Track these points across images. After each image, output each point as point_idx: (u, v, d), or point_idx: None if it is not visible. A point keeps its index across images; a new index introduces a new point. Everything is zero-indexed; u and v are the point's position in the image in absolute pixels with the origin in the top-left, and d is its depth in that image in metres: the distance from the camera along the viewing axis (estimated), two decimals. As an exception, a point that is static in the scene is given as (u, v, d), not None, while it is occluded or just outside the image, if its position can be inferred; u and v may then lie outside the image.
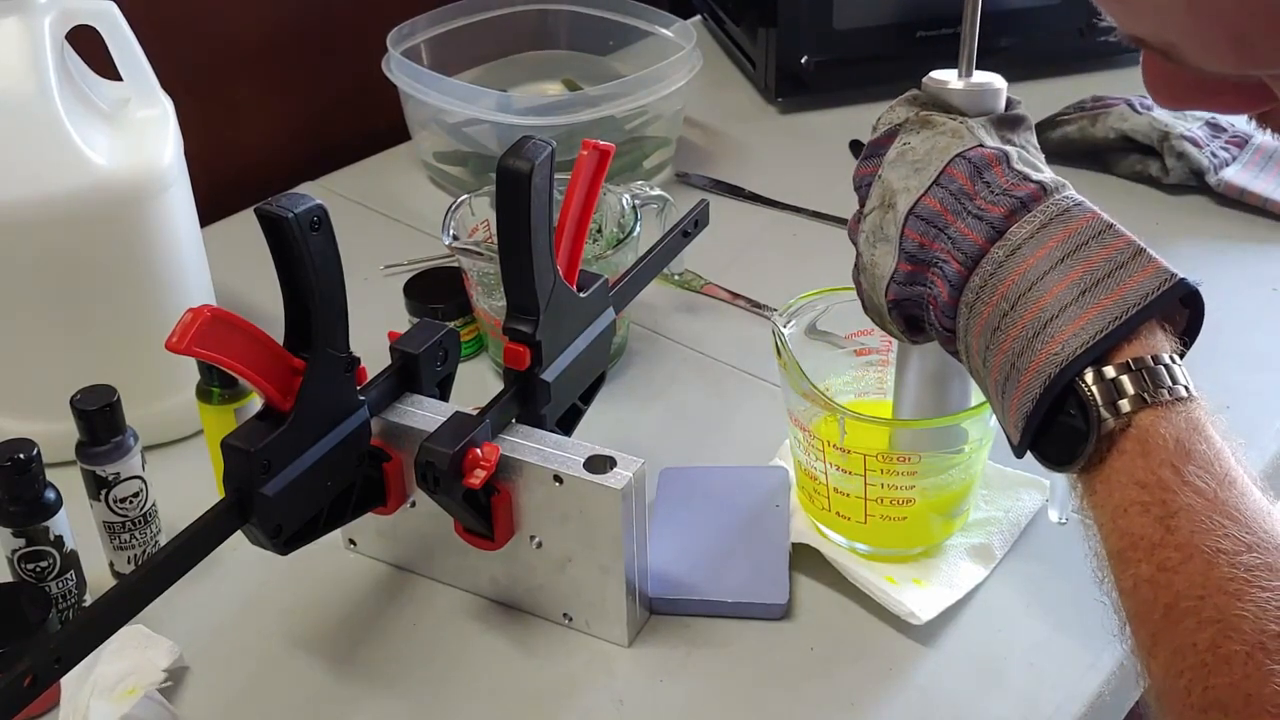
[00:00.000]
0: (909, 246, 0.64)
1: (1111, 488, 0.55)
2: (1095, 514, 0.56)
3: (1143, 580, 0.52)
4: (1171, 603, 0.51)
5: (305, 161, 1.26)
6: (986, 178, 0.62)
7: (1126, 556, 0.54)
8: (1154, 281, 0.57)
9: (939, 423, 0.75)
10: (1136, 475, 0.54)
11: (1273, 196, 1.14)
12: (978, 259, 0.61)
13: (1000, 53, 1.38)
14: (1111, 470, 0.55)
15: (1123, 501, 0.54)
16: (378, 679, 0.74)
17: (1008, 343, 0.59)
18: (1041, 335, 0.57)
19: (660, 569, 0.77)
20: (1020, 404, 0.58)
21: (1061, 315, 0.57)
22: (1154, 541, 0.52)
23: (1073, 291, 0.57)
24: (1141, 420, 0.55)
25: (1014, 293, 0.59)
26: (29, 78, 0.81)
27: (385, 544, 0.81)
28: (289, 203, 0.63)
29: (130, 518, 0.77)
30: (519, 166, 0.69)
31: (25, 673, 0.57)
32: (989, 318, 0.60)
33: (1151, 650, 0.52)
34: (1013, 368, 0.59)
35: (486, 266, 0.90)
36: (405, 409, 0.74)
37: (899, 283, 0.65)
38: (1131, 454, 0.54)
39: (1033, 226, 0.59)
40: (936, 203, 0.63)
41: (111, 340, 0.86)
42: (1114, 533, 0.54)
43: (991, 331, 0.60)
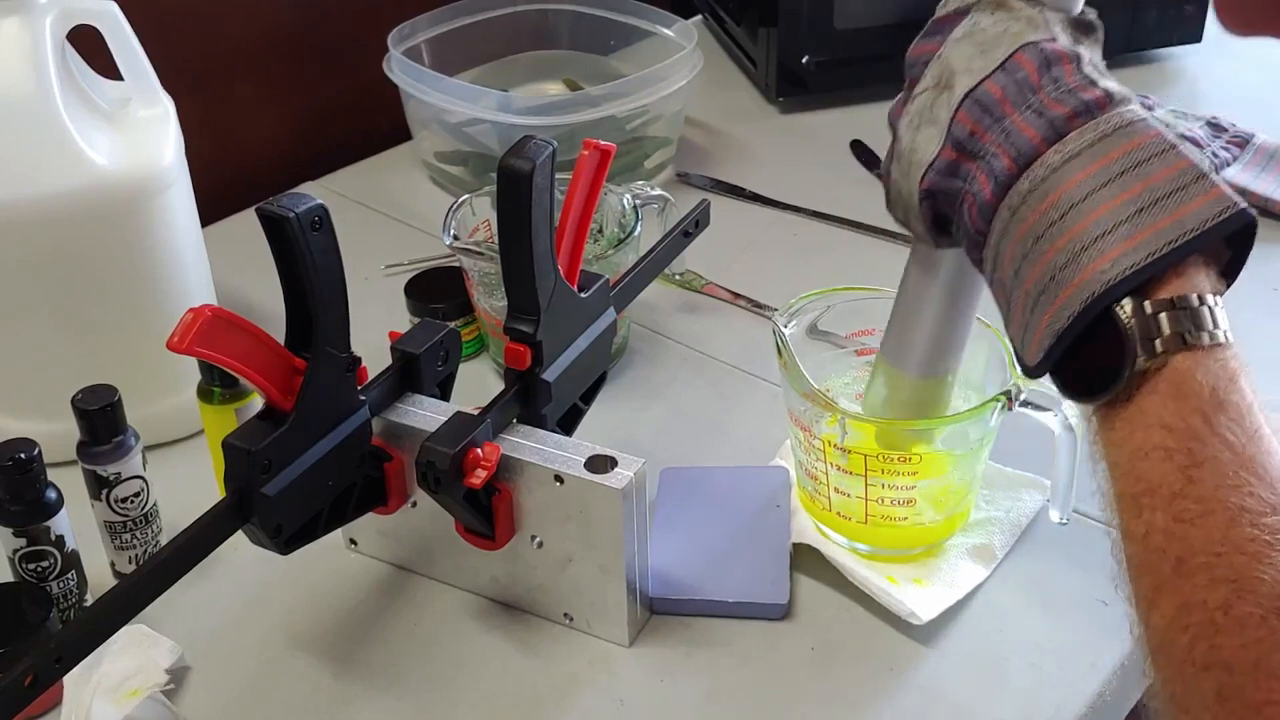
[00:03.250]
0: (959, 132, 0.60)
1: (1134, 427, 0.52)
2: (1110, 451, 0.54)
3: (1155, 529, 0.50)
4: (1184, 556, 0.49)
5: (306, 161, 1.26)
6: (1055, 73, 0.58)
7: (1140, 502, 0.51)
8: (1215, 207, 0.53)
9: (939, 423, 0.75)
10: (1165, 418, 0.51)
11: (1274, 197, 1.14)
12: (1030, 159, 0.57)
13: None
14: (1139, 409, 0.52)
15: (1145, 444, 0.52)
16: (378, 679, 0.74)
17: (1051, 253, 0.55)
18: (1090, 250, 0.54)
19: (661, 569, 0.77)
20: (1053, 320, 0.55)
21: (1114, 232, 0.54)
22: (1173, 490, 0.50)
23: (1128, 209, 0.54)
24: (1177, 362, 0.52)
25: (1066, 202, 0.55)
26: (29, 77, 0.81)
27: (386, 544, 0.81)
28: (290, 202, 0.63)
29: (131, 517, 0.77)
30: (520, 166, 0.69)
31: (26, 672, 0.57)
32: (1034, 224, 0.56)
33: (1153, 600, 0.50)
34: (1052, 280, 0.55)
35: (487, 266, 0.90)
36: (406, 409, 0.74)
37: (938, 171, 0.61)
38: (1163, 395, 0.52)
39: (1094, 135, 0.56)
40: (999, 89, 0.59)
41: (112, 340, 0.86)
42: (1130, 475, 0.52)
43: (1034, 239, 0.56)
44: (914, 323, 0.70)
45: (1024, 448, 0.82)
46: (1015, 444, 0.82)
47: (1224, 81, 1.41)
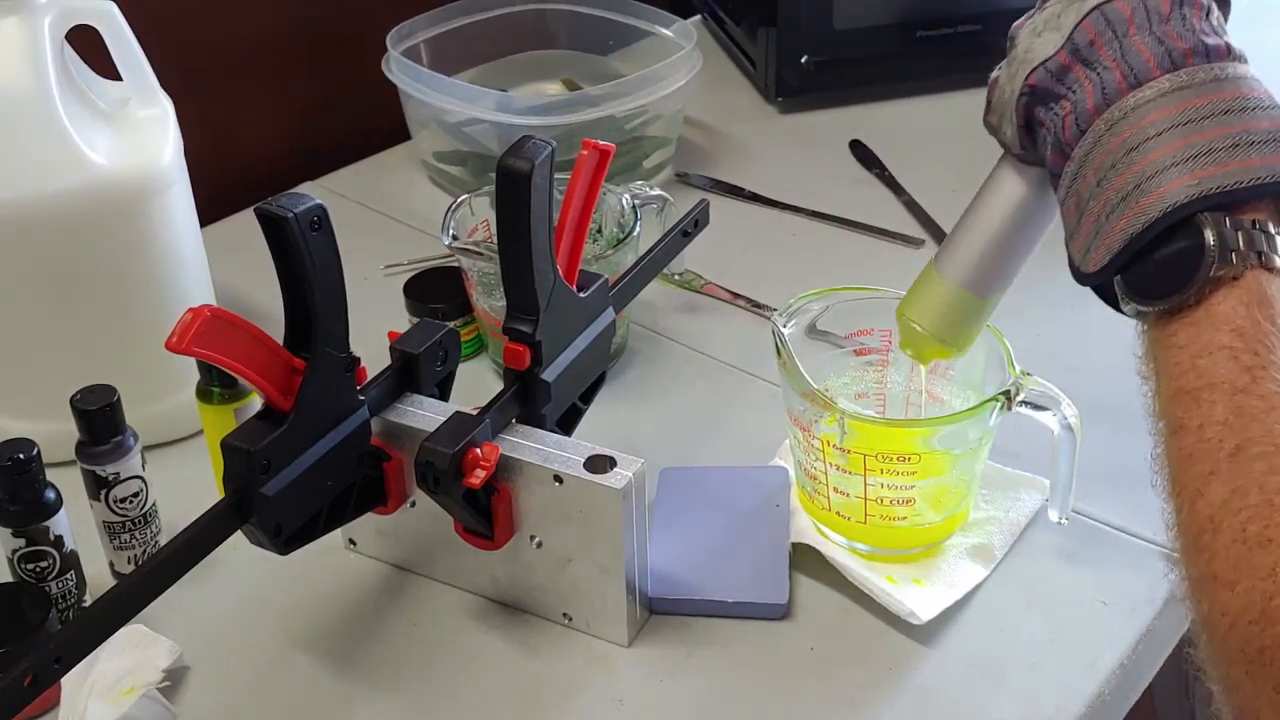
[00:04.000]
0: (1079, 39, 0.62)
1: (1201, 329, 0.54)
2: (1169, 355, 0.55)
3: (1213, 421, 0.52)
4: (1242, 445, 0.50)
5: (305, 161, 1.26)
6: (1185, 11, 0.61)
7: (1200, 397, 0.52)
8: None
9: (938, 422, 0.75)
10: (1236, 322, 0.53)
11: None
12: (1142, 80, 0.59)
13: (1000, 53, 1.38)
14: (1207, 313, 0.54)
15: (1211, 344, 0.53)
16: (378, 679, 0.74)
17: (1142, 164, 0.58)
18: (1180, 166, 0.56)
19: (660, 569, 0.77)
20: (1130, 224, 0.57)
21: (1208, 155, 0.56)
22: (1236, 387, 0.51)
23: (1225, 141, 0.56)
24: (1253, 275, 0.54)
25: (1165, 122, 0.58)
26: (29, 77, 0.81)
27: (385, 544, 0.81)
28: (289, 202, 0.63)
29: (130, 518, 0.77)
30: (519, 166, 0.69)
31: (25, 672, 0.57)
32: (1129, 138, 0.59)
33: (1203, 487, 0.51)
34: (1136, 188, 0.57)
35: (486, 266, 0.90)
36: (405, 409, 0.74)
37: (1048, 70, 0.63)
38: (1235, 301, 0.54)
39: (1206, 75, 0.58)
40: (1128, 9, 0.61)
41: (111, 340, 0.86)
42: (1190, 372, 0.53)
43: (1127, 150, 0.58)
44: (975, 234, 0.71)
45: (1023, 448, 0.82)
46: (1015, 444, 0.82)
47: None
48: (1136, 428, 0.90)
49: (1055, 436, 0.75)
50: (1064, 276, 1.16)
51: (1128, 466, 0.86)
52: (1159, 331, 0.56)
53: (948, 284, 0.72)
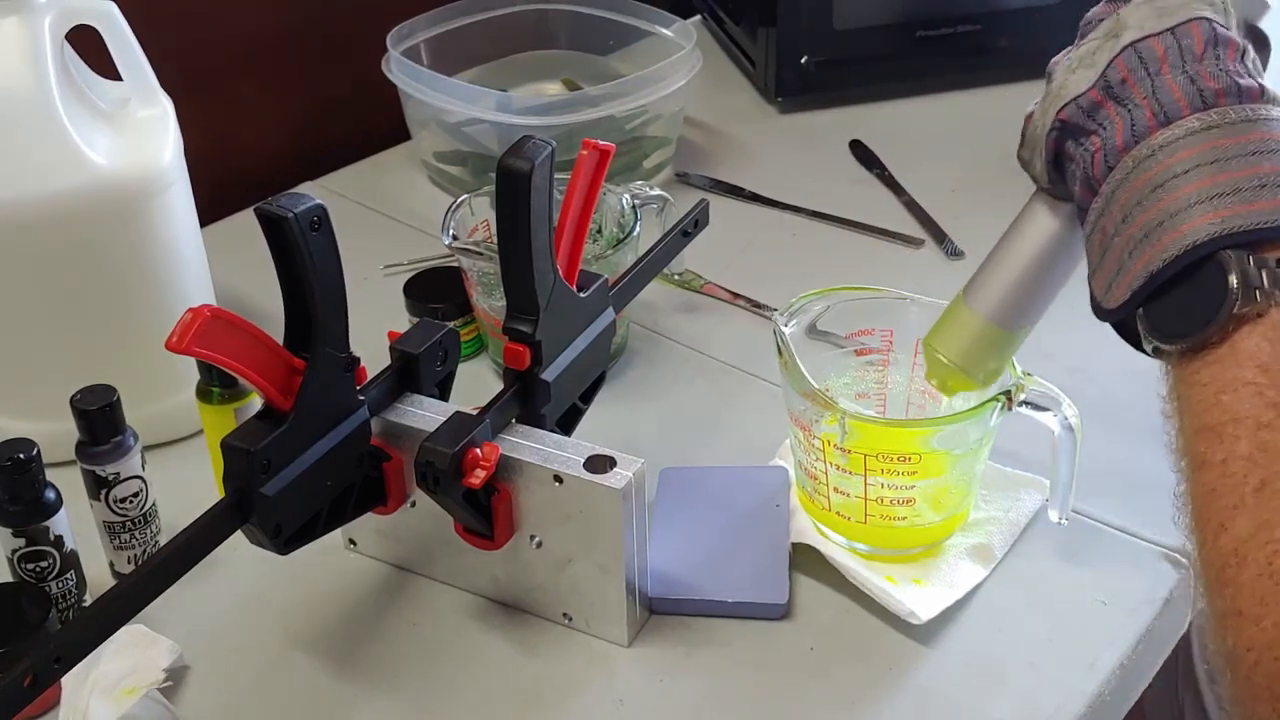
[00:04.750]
0: (1112, 76, 0.62)
1: (1225, 366, 0.54)
2: (1192, 392, 0.55)
3: (1237, 456, 0.51)
4: (1267, 479, 0.50)
5: (305, 161, 1.26)
6: (1219, 52, 0.60)
7: (1224, 432, 0.52)
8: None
9: (938, 422, 0.75)
10: (1261, 359, 0.53)
11: (1273, 196, 1.14)
12: (1170, 120, 0.59)
13: (1000, 52, 1.39)
14: (1232, 350, 0.54)
15: (1235, 380, 0.53)
16: (378, 679, 0.74)
17: (1167, 201, 0.58)
18: (1206, 204, 0.56)
19: (660, 569, 0.77)
20: (1150, 261, 0.57)
21: (1234, 195, 0.56)
22: (1261, 422, 0.51)
23: (1252, 182, 0.56)
24: (1278, 313, 0.54)
25: (1193, 161, 0.58)
26: (29, 77, 0.81)
27: (385, 544, 0.81)
28: (289, 202, 0.63)
29: (130, 518, 0.77)
30: (519, 166, 0.69)
31: (25, 672, 0.56)
32: (1156, 175, 0.59)
33: (1227, 521, 0.50)
34: (1159, 225, 0.57)
35: (486, 266, 0.90)
36: (405, 409, 0.74)
37: (1079, 106, 0.63)
38: (1260, 338, 0.53)
39: (1239, 117, 0.58)
40: (1162, 48, 0.61)
41: (111, 340, 0.86)
42: (1214, 408, 0.53)
43: (1154, 188, 0.58)
44: (1004, 268, 0.71)
45: (1024, 448, 0.82)
46: (1015, 444, 0.82)
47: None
48: (1136, 429, 0.90)
49: (1056, 437, 0.75)
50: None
51: (1128, 467, 0.86)
52: (1182, 370, 0.56)
53: (976, 317, 0.72)
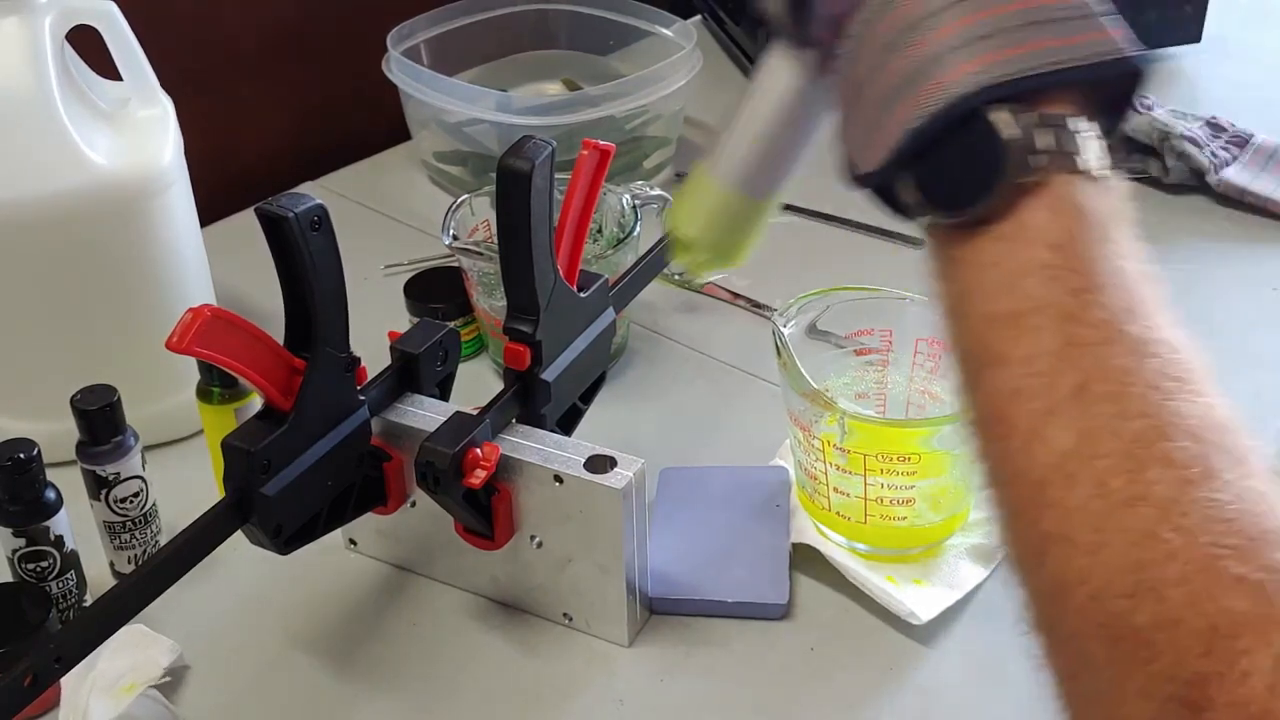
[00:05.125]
0: None
1: (1015, 245, 0.46)
2: (977, 275, 0.47)
3: (1044, 352, 0.44)
4: (1085, 382, 0.43)
5: (305, 161, 1.26)
6: None
7: (1023, 323, 0.45)
8: (1109, 45, 0.48)
9: (938, 422, 0.75)
10: (1052, 236, 0.45)
11: (1273, 196, 1.14)
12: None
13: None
14: (1018, 224, 0.46)
15: (1029, 262, 0.45)
16: (378, 679, 0.74)
17: (924, 44, 0.49)
18: (966, 49, 0.48)
19: (660, 569, 0.77)
20: (908, 118, 0.48)
21: (998, 36, 0.47)
22: (1065, 312, 0.44)
23: (1016, 19, 0.48)
24: (1063, 181, 0.46)
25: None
26: (29, 77, 0.81)
27: (385, 544, 0.81)
28: (289, 202, 0.63)
29: (130, 517, 0.77)
30: (519, 166, 0.69)
31: (25, 672, 0.57)
32: (910, 12, 0.49)
33: (1040, 428, 0.43)
34: (917, 73, 0.48)
35: (486, 266, 0.90)
36: (405, 409, 0.74)
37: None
38: (1048, 211, 0.46)
39: None
40: None
41: (111, 340, 0.86)
42: (1007, 293, 0.46)
43: (908, 28, 0.49)
44: (747, 130, 0.64)
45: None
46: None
47: (1223, 81, 1.41)
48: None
49: (1055, 436, 0.75)
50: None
51: (1128, 466, 0.86)
52: (960, 249, 0.48)
53: (719, 186, 0.65)
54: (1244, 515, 0.40)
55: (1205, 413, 0.43)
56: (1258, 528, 0.40)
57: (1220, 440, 0.42)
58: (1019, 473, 0.44)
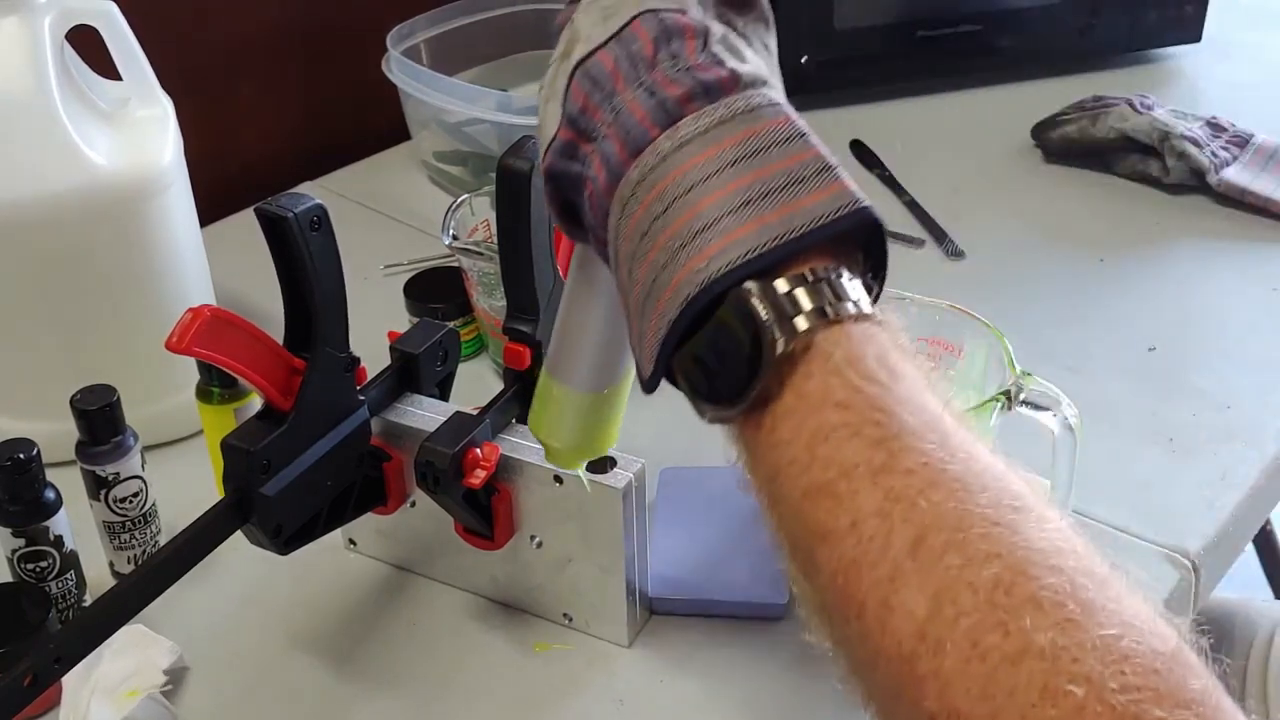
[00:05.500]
0: (571, 108, 0.52)
1: (802, 417, 0.44)
2: (777, 454, 0.45)
3: (867, 514, 0.41)
4: (920, 536, 0.40)
5: (305, 161, 1.26)
6: (674, 48, 0.50)
7: (837, 489, 0.42)
8: (830, 205, 0.46)
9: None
10: (834, 396, 0.43)
11: (1273, 196, 1.14)
12: (641, 146, 0.49)
13: (1001, 52, 1.39)
14: (798, 397, 0.44)
15: (820, 428, 0.43)
16: (377, 679, 0.74)
17: (654, 252, 0.48)
18: (689, 247, 0.47)
19: (660, 569, 0.76)
20: (658, 326, 0.48)
21: (715, 226, 0.46)
22: (874, 467, 0.42)
23: (734, 200, 0.47)
24: (828, 336, 0.45)
25: (670, 194, 0.48)
26: (29, 77, 0.81)
27: (385, 544, 0.80)
28: (289, 202, 0.63)
29: (130, 518, 0.77)
30: (519, 166, 0.69)
31: (25, 672, 0.57)
32: (640, 219, 0.49)
33: (889, 597, 0.40)
34: (654, 282, 0.48)
35: (486, 266, 0.90)
36: (405, 409, 0.74)
37: (556, 152, 0.53)
38: (821, 374, 0.44)
39: (709, 121, 0.48)
40: (611, 61, 0.51)
41: (111, 340, 0.86)
42: (814, 465, 0.43)
43: (641, 236, 0.49)
44: (575, 332, 0.62)
45: (1024, 448, 0.82)
46: (1015, 444, 0.82)
47: (1224, 81, 1.41)
48: (1136, 429, 0.90)
49: (1055, 437, 0.75)
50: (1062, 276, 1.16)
51: (1128, 467, 0.86)
52: (752, 433, 0.46)
53: (569, 393, 0.63)
54: (1138, 647, 0.37)
55: (1056, 539, 0.40)
56: (1156, 656, 0.37)
57: (1080, 565, 0.39)
58: (881, 652, 0.41)
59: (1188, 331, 1.01)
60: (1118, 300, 1.05)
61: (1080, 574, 0.39)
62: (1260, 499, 0.87)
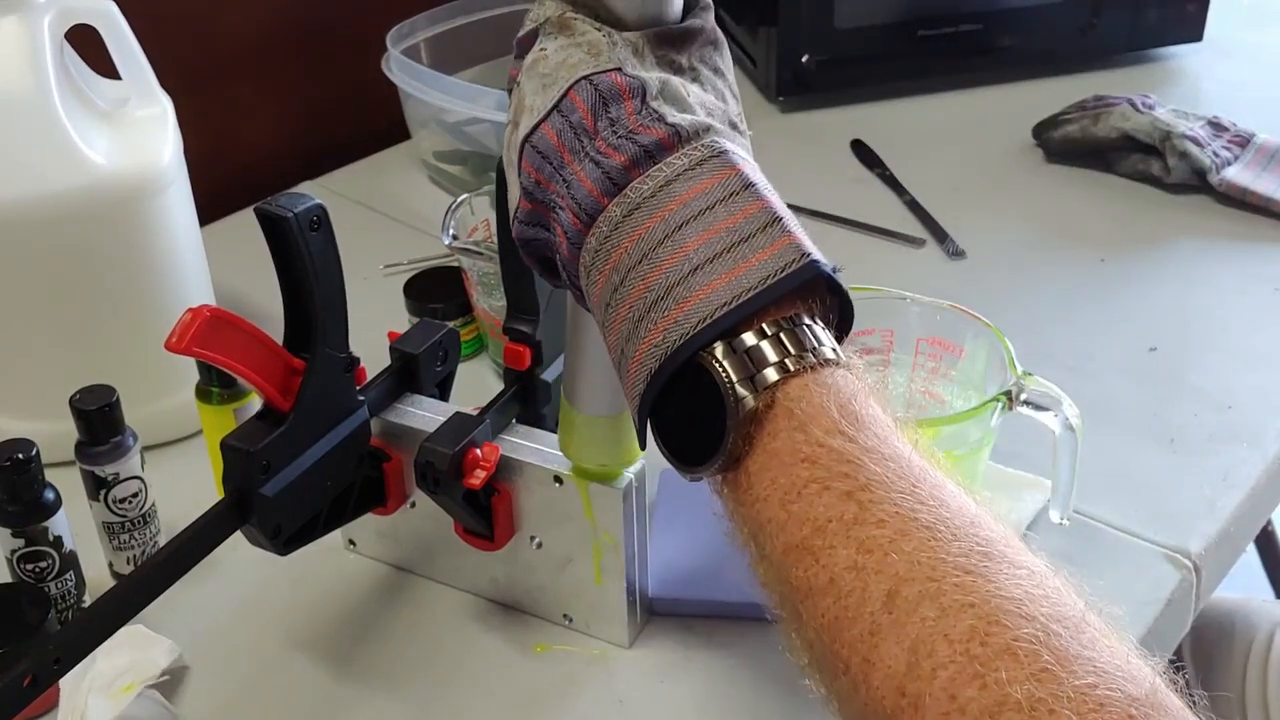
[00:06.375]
0: (526, 183, 0.53)
1: (773, 475, 0.44)
2: (755, 513, 0.45)
3: (843, 568, 0.41)
4: (894, 589, 0.40)
5: (305, 161, 1.26)
6: (613, 113, 0.51)
7: (813, 545, 0.42)
8: (776, 264, 0.47)
9: (939, 422, 0.75)
10: (801, 452, 0.44)
11: (1275, 196, 1.14)
12: (595, 215, 0.50)
13: (1002, 52, 1.39)
14: (768, 455, 0.45)
15: (792, 485, 0.44)
16: (377, 679, 0.73)
17: (617, 324, 0.49)
18: (644, 321, 0.48)
19: (661, 569, 0.76)
20: (632, 398, 0.49)
21: (667, 297, 0.47)
22: (848, 520, 0.42)
23: (682, 269, 0.47)
24: (789, 392, 0.45)
25: (624, 264, 0.49)
26: (28, 77, 0.81)
27: (385, 544, 0.80)
28: (288, 202, 0.63)
29: (129, 518, 0.77)
30: (519, 166, 0.69)
31: (24, 673, 0.56)
32: (602, 290, 0.50)
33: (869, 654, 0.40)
34: (622, 354, 0.49)
35: (486, 266, 0.90)
36: (405, 409, 0.74)
37: (522, 222, 0.54)
38: (786, 431, 0.44)
39: (655, 184, 0.49)
40: (554, 135, 0.52)
41: (111, 340, 0.86)
42: (790, 523, 0.43)
43: (605, 307, 0.50)
44: (584, 363, 0.65)
45: (1024, 448, 0.82)
46: (1016, 444, 0.82)
47: (1225, 81, 1.41)
48: (1137, 429, 0.90)
49: (1057, 437, 0.75)
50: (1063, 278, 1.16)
51: (1129, 467, 0.86)
52: (731, 492, 0.47)
53: (588, 419, 0.67)
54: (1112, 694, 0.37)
55: (1028, 585, 0.40)
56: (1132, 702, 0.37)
57: (1053, 611, 0.39)
58: (867, 709, 0.40)
59: (1189, 331, 1.01)
60: (1118, 300, 1.05)
61: (1054, 620, 0.39)
62: (1261, 499, 0.87)
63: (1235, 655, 1.06)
